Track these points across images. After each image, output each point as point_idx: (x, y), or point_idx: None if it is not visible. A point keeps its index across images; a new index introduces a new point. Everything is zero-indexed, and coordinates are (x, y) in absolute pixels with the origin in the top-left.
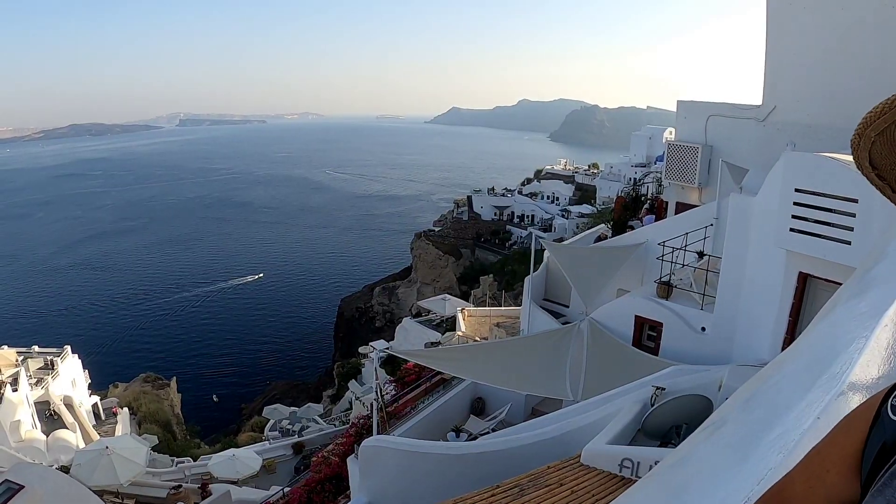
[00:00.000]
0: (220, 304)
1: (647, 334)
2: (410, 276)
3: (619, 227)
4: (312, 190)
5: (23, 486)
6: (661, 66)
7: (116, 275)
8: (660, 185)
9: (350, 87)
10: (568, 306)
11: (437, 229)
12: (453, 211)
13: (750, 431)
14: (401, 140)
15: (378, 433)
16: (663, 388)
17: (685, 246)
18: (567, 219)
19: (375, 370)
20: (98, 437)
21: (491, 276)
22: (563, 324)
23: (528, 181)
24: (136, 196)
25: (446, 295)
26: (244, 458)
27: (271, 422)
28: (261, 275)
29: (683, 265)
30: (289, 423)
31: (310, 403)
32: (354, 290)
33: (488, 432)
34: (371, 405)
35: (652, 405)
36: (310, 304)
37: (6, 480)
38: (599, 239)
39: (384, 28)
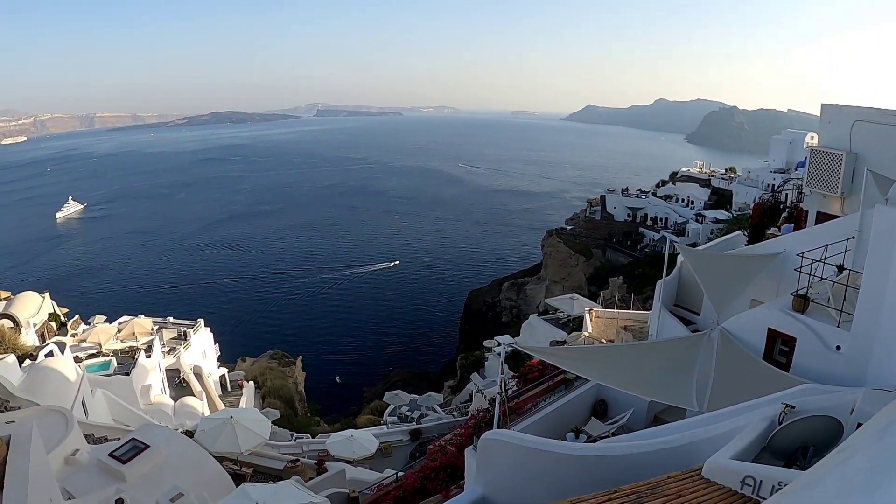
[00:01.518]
0: (351, 290)
1: (778, 349)
2: (540, 274)
3: (756, 235)
4: (446, 182)
5: (148, 446)
6: (804, 67)
7: (252, 255)
8: (800, 193)
9: (486, 82)
10: (699, 314)
11: (568, 227)
12: (586, 210)
13: (884, 462)
14: (535, 136)
15: (498, 427)
16: (793, 407)
17: (825, 258)
18: (701, 224)
19: (501, 364)
20: (223, 406)
21: (620, 278)
22: (693, 331)
23: (663, 183)
24: (273, 182)
25: (575, 294)
26: (361, 440)
27: (391, 407)
28: (397, 262)
29: (822, 278)
30: (408, 410)
31: (430, 392)
32: (483, 283)
33: (608, 436)
34: (492, 398)
35: (780, 423)
36: (438, 294)
37: (133, 439)
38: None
39: (521, 25)
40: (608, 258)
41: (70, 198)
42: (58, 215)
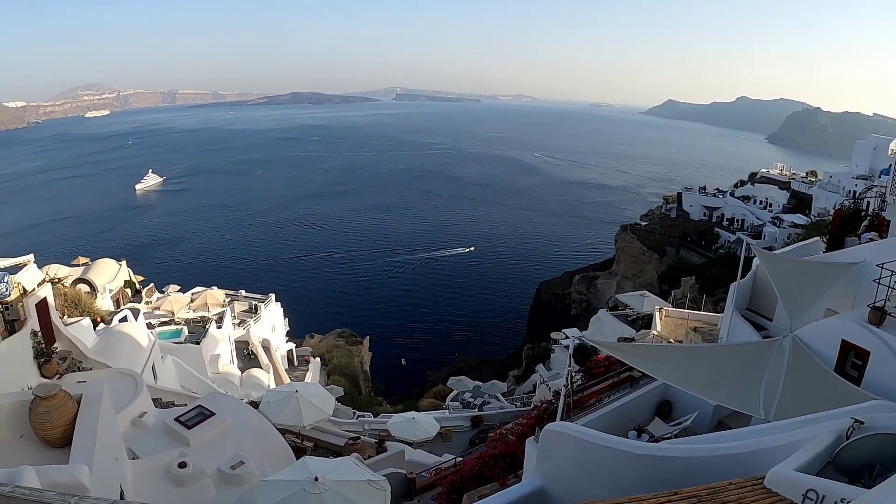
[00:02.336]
0: (423, 273)
1: (851, 361)
2: (611, 269)
3: (835, 243)
4: (522, 172)
5: (214, 413)
6: (894, 71)
7: (326, 234)
8: (883, 202)
9: (565, 72)
10: (771, 320)
11: (643, 224)
12: (662, 206)
13: None
14: (614, 129)
15: (561, 419)
16: (862, 423)
17: None
18: (779, 227)
19: (570, 357)
20: (289, 380)
21: (693, 278)
22: (764, 337)
23: (742, 183)
24: (350, 162)
25: (645, 292)
26: (423, 423)
27: (454, 392)
28: (472, 248)
29: None
30: (471, 397)
31: (494, 380)
32: (554, 275)
33: (670, 437)
34: (556, 391)
35: (847, 438)
36: (508, 284)
37: (199, 406)
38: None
39: (602, 16)
40: (681, 257)
41: (150, 170)
42: (137, 187)
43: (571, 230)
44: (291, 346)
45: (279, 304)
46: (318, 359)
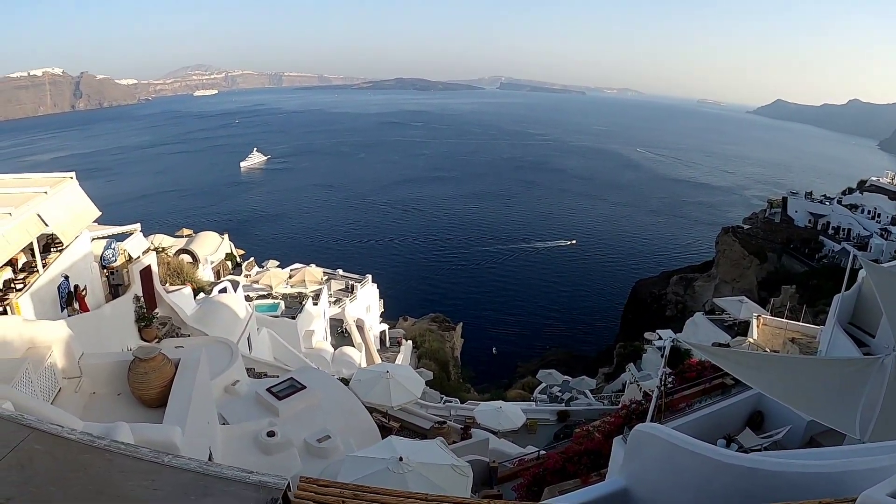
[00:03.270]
0: (520, 264)
1: None
2: (710, 271)
3: None
4: (624, 167)
5: (305, 387)
6: None
7: (425, 219)
8: None
9: (672, 67)
10: (874, 336)
11: (745, 227)
12: (765, 210)
13: None
14: (720, 127)
15: (651, 421)
16: None
17: None
18: (886, 240)
19: (665, 358)
20: (380, 360)
21: (794, 287)
22: (866, 354)
23: (850, 191)
24: (452, 150)
25: (744, 298)
26: (509, 413)
27: (542, 385)
28: (574, 241)
29: None
30: (559, 391)
31: (584, 376)
32: (651, 274)
33: (760, 449)
34: (646, 391)
35: None
36: (605, 279)
37: (291, 378)
38: None
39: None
40: (783, 264)
41: (255, 149)
42: (242, 164)
43: (671, 229)
44: (385, 327)
45: (375, 285)
46: (410, 341)
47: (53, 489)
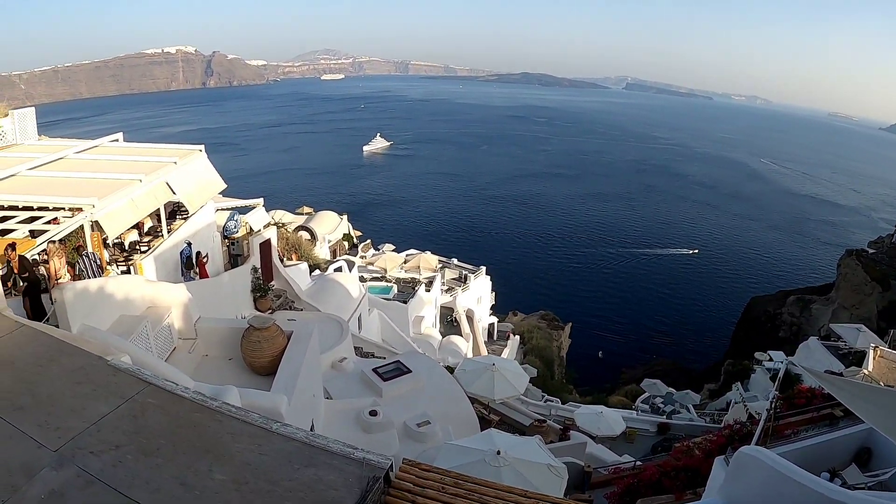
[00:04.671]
0: (635, 269)
1: None
2: (829, 295)
3: None
4: (747, 177)
5: (410, 371)
6: None
7: (542, 216)
8: None
9: (803, 76)
10: None
11: (870, 251)
12: (893, 235)
13: None
14: (850, 143)
15: (757, 444)
16: None
17: None
18: None
19: (779, 381)
20: (486, 353)
21: None
22: None
23: None
24: (573, 147)
25: (862, 326)
26: (609, 418)
27: (646, 395)
28: (696, 251)
29: None
30: (662, 402)
31: (689, 391)
32: (767, 292)
33: (864, 488)
34: (752, 413)
35: None
36: (719, 293)
37: (398, 361)
38: None
39: (848, 21)
40: None
41: (378, 134)
42: (365, 148)
43: (792, 246)
44: (494, 319)
45: (489, 277)
46: (517, 336)
47: (163, 442)
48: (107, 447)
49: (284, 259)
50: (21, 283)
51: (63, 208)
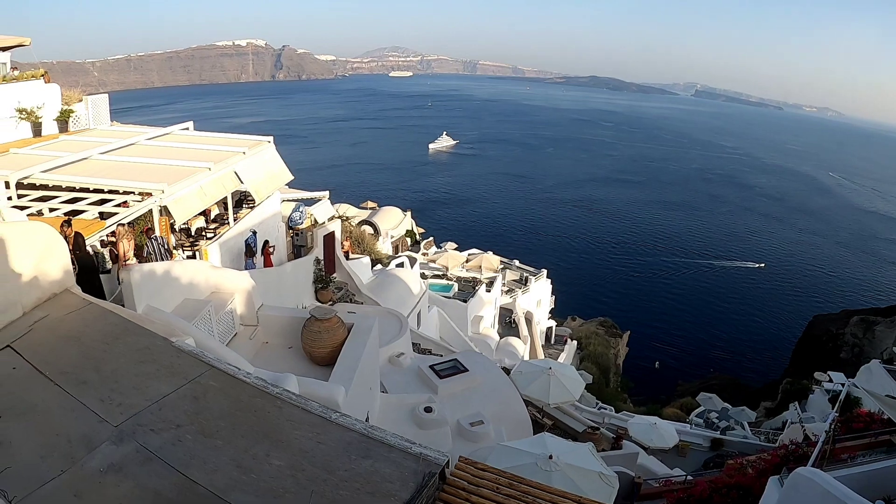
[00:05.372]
0: (696, 280)
1: None
2: (894, 317)
3: None
4: (815, 191)
5: (467, 370)
6: None
7: (605, 221)
8: None
9: (878, 88)
10: None
11: None
12: None
13: None
14: None
15: (813, 466)
16: None
17: None
18: None
19: (840, 403)
20: (543, 356)
21: None
22: None
23: None
24: (639, 154)
25: None
26: (663, 430)
27: (701, 409)
28: (763, 265)
29: None
30: (716, 417)
31: (745, 407)
32: (831, 310)
33: None
34: (808, 434)
35: None
36: (780, 309)
37: (455, 360)
38: None
39: None
40: None
41: (444, 132)
42: (431, 146)
43: (858, 265)
44: (552, 323)
45: (549, 280)
46: (575, 342)
47: (222, 424)
48: (167, 426)
49: (350, 253)
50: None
51: (133, 192)
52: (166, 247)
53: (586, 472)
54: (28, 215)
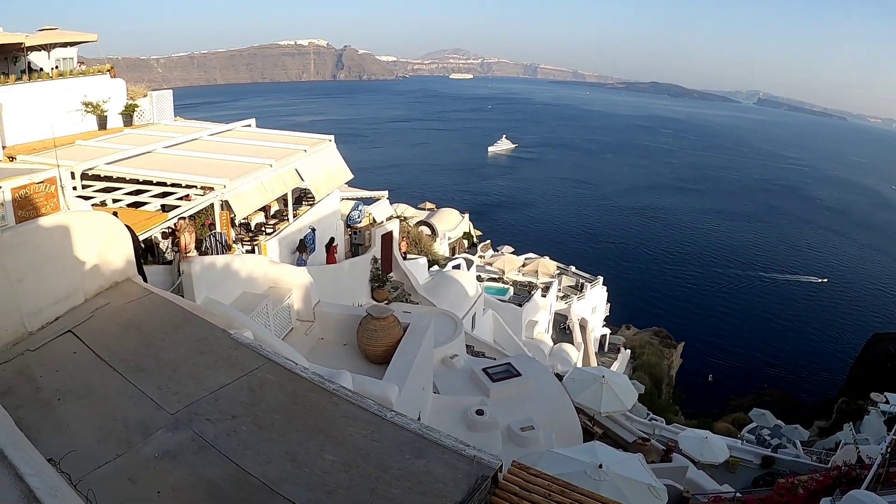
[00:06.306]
0: (754, 293)
1: None
2: None
3: None
4: (878, 206)
5: (520, 374)
6: None
7: (663, 230)
8: None
9: None
10: None
11: None
12: None
13: None
14: None
15: (867, 489)
16: None
17: None
18: None
19: None
20: (596, 364)
21: None
22: None
23: None
24: (699, 162)
25: None
26: (714, 445)
27: (753, 425)
28: (825, 280)
29: None
30: (769, 434)
31: (798, 425)
32: (891, 329)
33: None
34: (862, 457)
35: None
36: (838, 326)
37: (509, 364)
38: None
39: None
40: None
41: (504, 136)
42: (490, 149)
43: None
44: (606, 331)
45: (605, 287)
46: (628, 351)
47: (277, 417)
48: (223, 416)
49: (407, 253)
50: None
51: (195, 186)
52: (224, 242)
53: (635, 483)
54: (91, 205)
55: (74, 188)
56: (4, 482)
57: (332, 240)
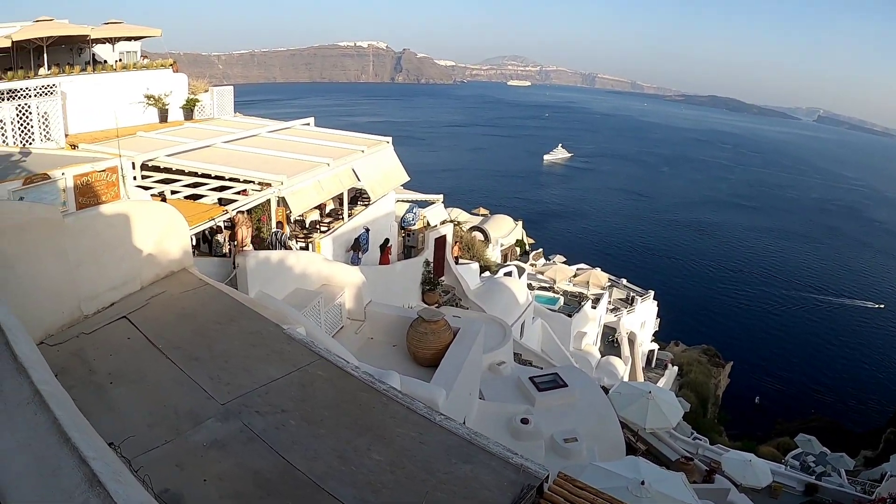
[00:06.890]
0: (808, 316)
1: None
2: None
3: None
4: None
5: (566, 385)
6: None
7: (717, 246)
8: None
9: None
10: None
11: None
12: None
13: None
14: None
15: None
16: None
17: None
18: None
19: None
20: (643, 379)
21: None
22: None
23: None
24: (757, 179)
25: None
26: (757, 468)
27: (798, 450)
28: (882, 305)
29: None
30: (813, 461)
31: (844, 454)
32: None
33: None
34: None
35: None
36: (891, 352)
37: (556, 374)
38: None
39: None
40: None
41: (560, 144)
42: (546, 157)
43: None
44: (655, 346)
45: (655, 302)
46: (675, 367)
47: (327, 414)
48: (273, 409)
49: (459, 257)
50: None
51: (252, 182)
52: (284, 243)
53: (677, 502)
54: (150, 196)
55: (134, 178)
56: (68, 464)
57: (386, 241)
